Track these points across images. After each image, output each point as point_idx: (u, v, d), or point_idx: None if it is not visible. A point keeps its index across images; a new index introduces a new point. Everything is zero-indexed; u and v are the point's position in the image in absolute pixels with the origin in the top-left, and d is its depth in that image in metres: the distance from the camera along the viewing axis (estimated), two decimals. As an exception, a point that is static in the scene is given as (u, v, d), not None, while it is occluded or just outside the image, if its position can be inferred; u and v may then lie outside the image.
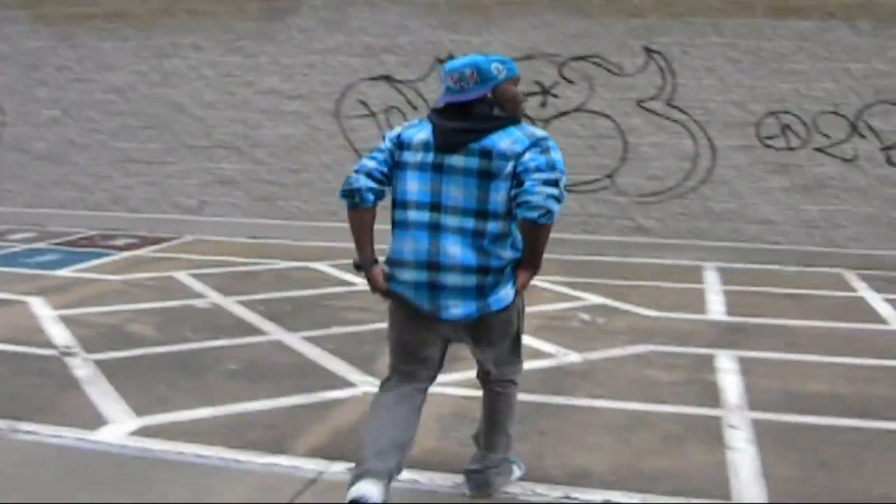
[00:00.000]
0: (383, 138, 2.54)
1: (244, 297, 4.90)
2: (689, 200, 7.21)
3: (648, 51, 7.15)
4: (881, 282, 6.46)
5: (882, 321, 5.00)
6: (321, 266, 6.09)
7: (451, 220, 2.24)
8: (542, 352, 3.86)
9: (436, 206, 2.29)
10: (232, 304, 4.70)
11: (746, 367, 3.83)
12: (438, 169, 2.28)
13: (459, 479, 2.48)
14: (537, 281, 5.81)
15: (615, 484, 2.49)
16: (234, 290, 5.05)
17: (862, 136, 7.03)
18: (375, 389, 2.45)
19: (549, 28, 7.51)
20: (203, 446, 2.80)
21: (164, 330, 4.14)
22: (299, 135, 7.62)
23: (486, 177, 2.25)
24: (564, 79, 7.21)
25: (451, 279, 2.25)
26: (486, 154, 2.27)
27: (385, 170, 2.36)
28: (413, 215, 2.34)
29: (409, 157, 2.34)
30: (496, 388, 2.53)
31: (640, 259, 7.14)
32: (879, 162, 7.10)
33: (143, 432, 2.97)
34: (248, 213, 7.73)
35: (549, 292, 5.47)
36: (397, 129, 2.52)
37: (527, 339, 3.31)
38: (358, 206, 2.37)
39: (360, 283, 4.34)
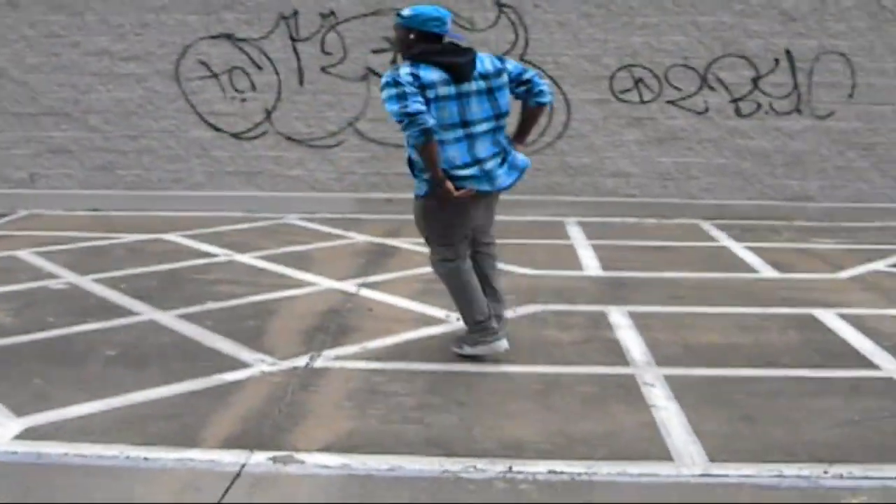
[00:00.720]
0: (398, 83, 4.63)
1: (101, 274, 6.79)
2: (545, 156, 10.00)
3: (500, 5, 9.80)
4: (737, 230, 9.32)
5: (751, 269, 7.45)
6: (174, 237, 8.34)
7: (477, 129, 4.80)
8: (432, 317, 5.69)
9: (465, 123, 4.76)
10: (90, 284, 6.52)
11: (640, 322, 5.70)
12: (459, 96, 4.72)
13: (394, 460, 3.67)
14: (403, 244, 7.98)
15: (554, 453, 3.77)
16: (88, 268, 6.98)
17: (712, 88, 10.01)
18: (272, 368, 4.46)
19: None
20: (103, 446, 3.80)
21: (22, 316, 5.68)
22: (136, 99, 10.15)
23: (489, 91, 4.84)
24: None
25: (490, 164, 4.87)
26: (484, 76, 4.83)
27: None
28: (451, 134, 4.75)
29: (432, 93, 4.63)
30: (487, 250, 5.26)
31: (499, 217, 8.50)
32: (729, 114, 10.06)
33: (31, 434, 3.95)
34: (85, 185, 10.39)
35: (419, 254, 7.40)
36: (408, 74, 4.67)
37: (412, 305, 5.92)
38: (432, 139, 4.57)
39: (221, 253, 7.47)
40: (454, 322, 5.68)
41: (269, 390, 4.49)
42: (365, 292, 6.46)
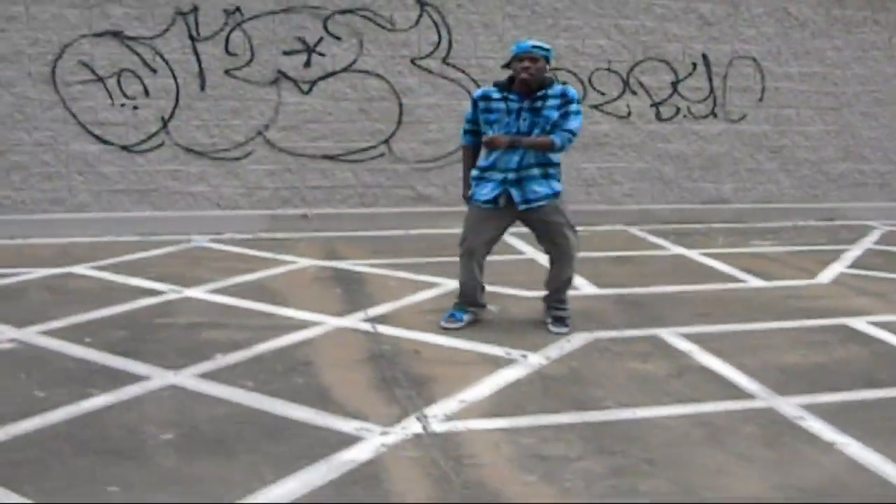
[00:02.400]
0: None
1: (44, 326, 5.69)
2: (470, 165, 11.43)
3: (422, 4, 9.25)
4: (671, 235, 9.35)
5: (734, 278, 7.43)
6: (86, 271, 7.28)
7: None
8: (493, 356, 5.09)
9: None
10: (42, 339, 5.40)
11: (706, 346, 5.46)
12: None
13: None
14: (361, 267, 7.31)
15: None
16: (17, 318, 5.83)
17: (634, 92, 9.94)
18: (388, 439, 3.51)
19: None
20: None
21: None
22: (3, 107, 8.73)
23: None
24: (330, 34, 9.14)
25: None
26: None
27: None
28: None
29: None
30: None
31: (423, 230, 9.22)
32: (650, 118, 10.04)
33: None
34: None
35: (391, 279, 7.05)
36: None
37: (454, 342, 5.10)
38: None
39: (165, 289, 6.35)
40: (527, 361, 5.23)
41: (418, 469, 3.75)
42: (384, 329, 5.79)
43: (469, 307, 6.03)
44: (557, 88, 5.57)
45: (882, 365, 5.29)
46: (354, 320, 5.97)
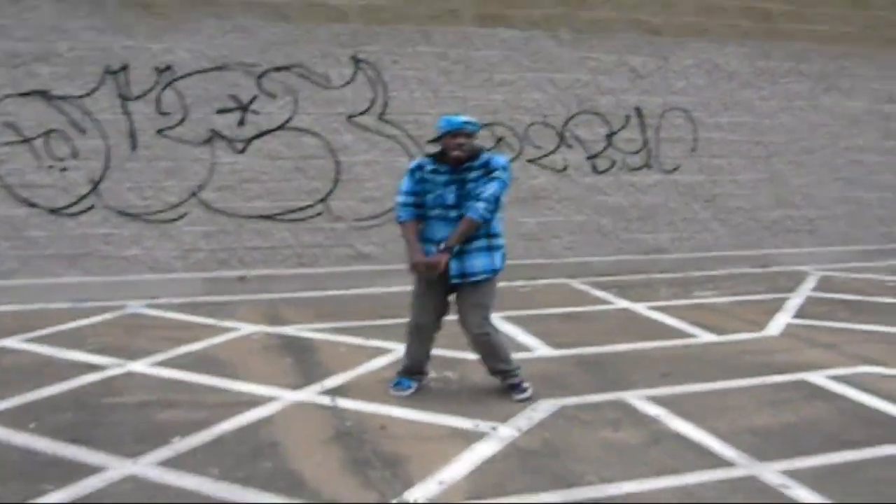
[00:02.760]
0: None
1: None
2: (409, 221, 11.27)
3: (356, 61, 9.26)
4: (614, 288, 9.49)
5: (687, 334, 7.46)
6: (16, 344, 7.05)
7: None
8: (463, 430, 5.01)
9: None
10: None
11: (674, 409, 5.45)
12: None
13: None
14: (309, 333, 7.14)
15: None
16: None
17: (569, 146, 10.06)
18: None
19: (243, 33, 8.93)
20: None
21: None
22: None
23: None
24: (265, 92, 9.05)
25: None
26: None
27: None
28: None
29: None
30: None
31: (363, 289, 9.24)
32: (586, 171, 10.15)
33: None
34: None
35: (342, 345, 6.93)
36: None
37: (419, 416, 4.89)
38: None
39: (107, 363, 5.95)
40: (498, 434, 5.15)
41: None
42: (345, 403, 5.63)
43: (415, 375, 6.01)
44: (483, 158, 5.55)
45: (851, 423, 5.34)
46: (312, 393, 5.80)
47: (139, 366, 6.40)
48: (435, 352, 6.59)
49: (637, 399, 5.79)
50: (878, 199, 11.62)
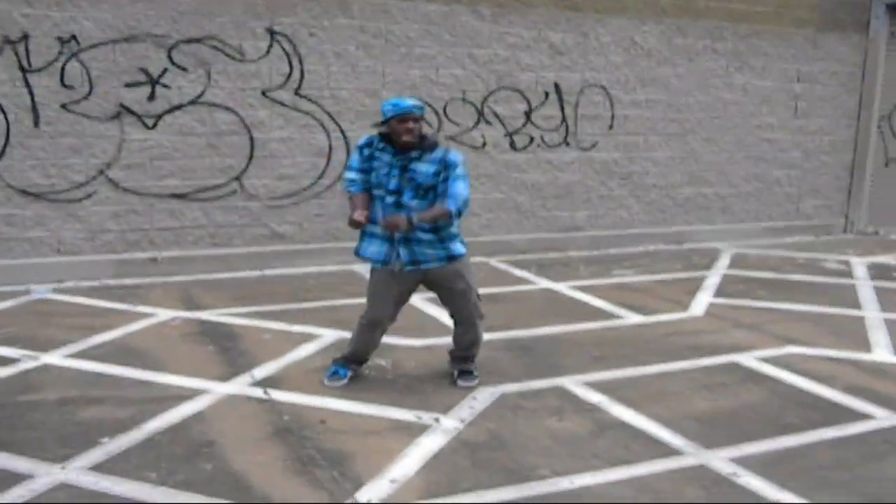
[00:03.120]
0: None
1: None
2: (325, 200, 9.37)
3: (272, 33, 8.97)
4: (534, 267, 9.52)
5: (613, 315, 7.51)
6: None
7: None
8: (407, 423, 4.89)
9: None
10: None
11: (614, 395, 5.51)
12: None
13: None
14: (228, 318, 6.98)
15: None
16: None
17: (488, 122, 9.97)
18: None
19: (152, 3, 8.50)
20: None
21: None
22: None
23: None
24: (176, 65, 8.68)
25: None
26: None
27: None
28: None
29: None
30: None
31: (280, 270, 9.03)
32: (504, 148, 10.11)
33: None
34: None
35: (266, 331, 6.66)
36: None
37: (356, 407, 4.63)
38: None
39: (19, 355, 5.59)
40: (441, 426, 5.09)
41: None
42: (279, 396, 5.49)
43: (352, 365, 5.92)
44: (438, 153, 5.44)
45: (787, 407, 5.50)
46: (242, 385, 5.62)
47: (54, 358, 6.10)
48: None
49: (575, 385, 5.80)
50: (787, 176, 11.94)
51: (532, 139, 10.26)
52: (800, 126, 11.80)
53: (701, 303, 8.02)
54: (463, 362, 5.79)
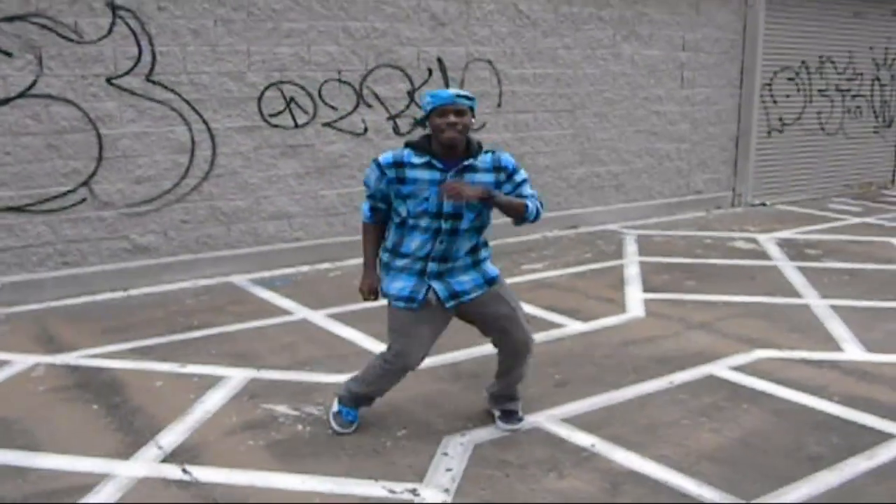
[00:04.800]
0: None
1: None
2: (192, 203, 8.25)
3: (113, 7, 7.70)
4: None
5: (552, 324, 6.70)
6: None
7: None
8: (373, 500, 3.85)
9: None
10: None
11: (613, 435, 4.70)
12: None
13: None
14: (103, 362, 5.70)
15: None
16: None
17: (368, 105, 9.04)
18: None
19: None
20: None
21: None
22: None
23: None
24: None
25: None
26: None
27: None
28: None
29: None
30: None
31: (146, 288, 7.96)
32: (388, 133, 9.20)
33: None
34: None
35: (155, 375, 5.55)
36: None
37: (306, 482, 4.05)
38: None
39: None
40: (423, 500, 4.19)
41: None
42: (203, 474, 4.43)
43: (364, 406, 5.07)
44: (487, 157, 4.53)
45: (799, 432, 4.96)
46: (151, 463, 4.55)
47: None
48: (276, 375, 5.73)
49: (552, 424, 5.06)
50: (676, 149, 11.56)
51: (417, 122, 9.35)
52: (687, 96, 11.44)
53: (635, 300, 7.48)
54: (509, 401, 5.02)
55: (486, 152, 4.50)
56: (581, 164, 10.73)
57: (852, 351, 6.30)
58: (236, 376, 5.64)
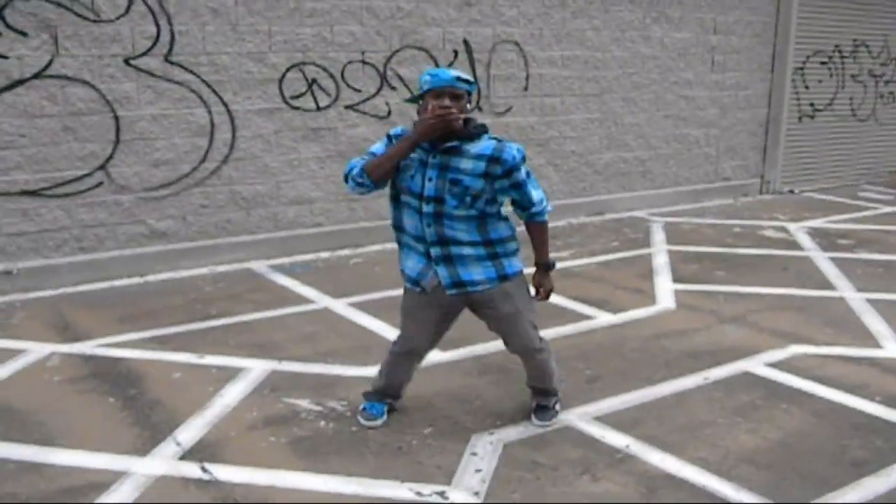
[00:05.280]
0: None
1: None
2: (211, 188, 8.07)
3: (131, -15, 7.03)
4: None
5: (578, 314, 6.51)
6: None
7: None
8: None
9: None
10: None
11: (648, 436, 4.54)
12: None
13: None
14: (121, 352, 5.59)
15: None
16: None
17: (392, 87, 8.84)
18: None
19: None
20: None
21: None
22: None
23: None
24: (11, 28, 7.14)
25: None
26: None
27: None
28: None
29: None
30: None
31: (165, 275, 7.81)
32: (412, 116, 10.44)
33: None
34: None
35: (174, 366, 5.40)
36: None
37: (332, 483, 3.86)
38: None
39: None
40: (452, 502, 3.96)
41: None
42: (223, 472, 4.26)
43: (389, 399, 4.96)
44: (488, 145, 4.24)
45: (842, 434, 4.77)
46: (169, 459, 4.40)
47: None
48: (297, 368, 5.55)
49: (585, 422, 4.88)
50: (705, 135, 11.31)
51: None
52: (716, 81, 11.20)
53: (665, 290, 7.31)
54: (541, 395, 4.90)
55: (492, 139, 4.24)
56: (608, 149, 10.51)
57: (892, 348, 6.09)
58: (256, 368, 5.47)
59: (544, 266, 4.48)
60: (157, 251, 7.94)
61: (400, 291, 4.61)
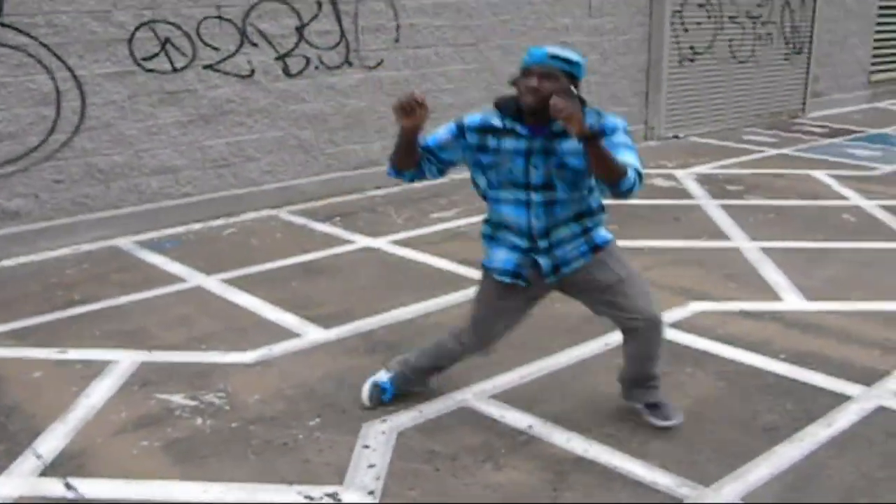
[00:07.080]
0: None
1: None
2: (63, 161, 7.60)
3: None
4: (337, 217, 8.25)
5: (467, 280, 6.41)
6: None
7: None
8: None
9: None
10: None
11: (548, 412, 4.51)
12: None
13: None
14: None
15: None
16: None
17: (254, 44, 8.45)
18: None
19: None
20: None
21: None
22: None
23: None
24: None
25: None
26: None
27: None
28: None
29: None
30: None
31: (19, 258, 7.38)
32: (277, 74, 8.60)
33: None
34: None
35: (37, 366, 5.10)
36: None
37: None
38: None
39: None
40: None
41: None
42: (88, 487, 3.88)
43: (412, 386, 4.70)
44: (588, 120, 3.78)
45: (751, 398, 4.75)
46: (28, 478, 3.97)
47: None
48: (169, 357, 5.21)
49: (480, 401, 4.68)
50: (585, 82, 11.04)
51: (308, 61, 8.79)
52: (594, 26, 11.06)
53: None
54: (649, 391, 4.40)
55: (590, 111, 3.86)
56: (487, 100, 10.15)
57: (792, 300, 6.07)
58: (125, 360, 5.08)
59: (592, 131, 3.73)
60: (9, 233, 7.45)
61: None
